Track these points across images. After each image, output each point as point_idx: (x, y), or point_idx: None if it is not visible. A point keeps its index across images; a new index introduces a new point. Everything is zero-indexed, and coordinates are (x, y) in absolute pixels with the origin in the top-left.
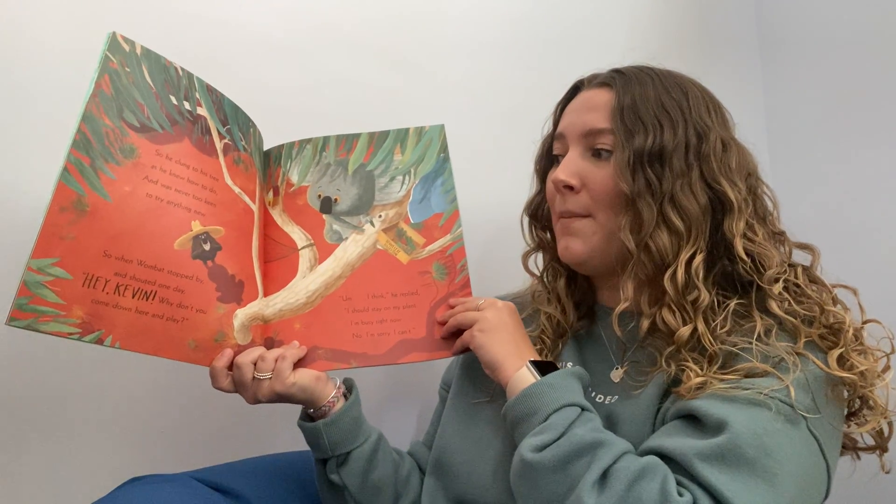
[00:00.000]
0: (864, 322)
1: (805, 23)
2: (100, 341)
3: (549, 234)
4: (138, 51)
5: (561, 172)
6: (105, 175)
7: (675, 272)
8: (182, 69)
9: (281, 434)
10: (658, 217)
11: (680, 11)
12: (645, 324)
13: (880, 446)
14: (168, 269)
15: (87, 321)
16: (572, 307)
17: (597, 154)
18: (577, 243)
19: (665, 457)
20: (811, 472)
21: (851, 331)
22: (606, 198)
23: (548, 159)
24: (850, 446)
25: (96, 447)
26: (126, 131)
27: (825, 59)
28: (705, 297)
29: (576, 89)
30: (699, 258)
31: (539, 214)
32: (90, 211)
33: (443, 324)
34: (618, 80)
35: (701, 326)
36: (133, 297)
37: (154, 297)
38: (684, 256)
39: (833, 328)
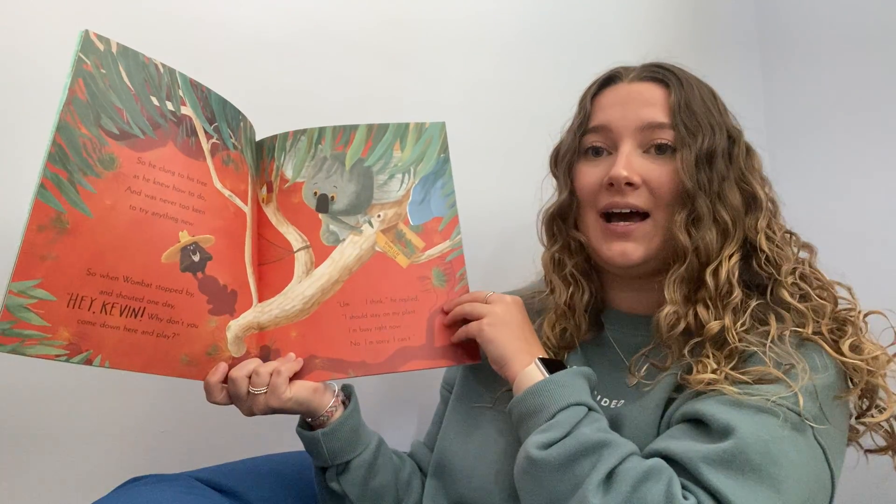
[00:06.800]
0: (868, 313)
1: (805, 23)
2: (88, 362)
3: (580, 237)
4: (114, 49)
5: (623, 169)
6: (84, 189)
7: (717, 268)
8: (163, 65)
9: (281, 434)
10: (710, 215)
11: (680, 11)
12: (681, 324)
13: (892, 447)
14: (156, 284)
15: (74, 342)
16: (585, 319)
17: (656, 149)
18: (636, 248)
19: (670, 459)
20: (816, 480)
21: (861, 319)
22: (668, 195)
23: (576, 153)
24: (853, 440)
25: (96, 447)
26: (105, 140)
27: (825, 58)
28: (738, 293)
29: (609, 81)
30: (737, 256)
31: (566, 214)
32: (70, 228)
33: (446, 313)
34: (669, 77)
35: (728, 322)
36: (121, 314)
37: (143, 313)
38: (727, 253)
39: (840, 319)
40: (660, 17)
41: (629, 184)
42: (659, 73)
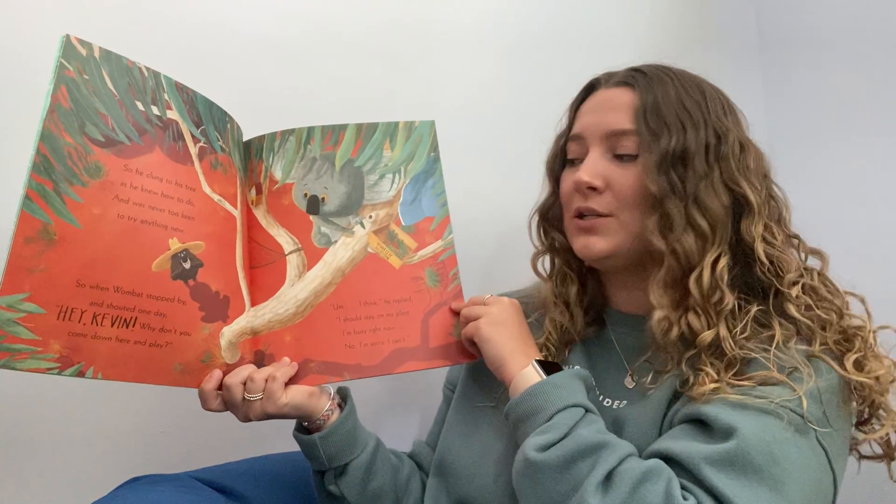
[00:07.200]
0: (878, 328)
1: (805, 23)
2: (80, 374)
3: (561, 236)
4: (97, 53)
5: (584, 174)
6: (71, 199)
7: (700, 275)
8: (147, 69)
9: (281, 434)
10: (684, 219)
11: (680, 11)
12: (674, 330)
13: (888, 454)
14: (147, 293)
15: (65, 355)
16: (581, 314)
17: (620, 156)
18: (598, 241)
19: (672, 460)
20: (818, 482)
21: (871, 336)
22: (632, 199)
23: (561, 160)
24: (853, 447)
25: (96, 448)
26: (90, 148)
27: (825, 59)
28: (729, 300)
29: (591, 88)
30: (724, 261)
31: (551, 216)
32: (58, 239)
33: (456, 313)
34: (639, 79)
35: (723, 331)
36: (112, 325)
37: (134, 323)
38: (710, 258)
39: (847, 333)
40: (661, 19)
41: (593, 188)
42: (630, 77)
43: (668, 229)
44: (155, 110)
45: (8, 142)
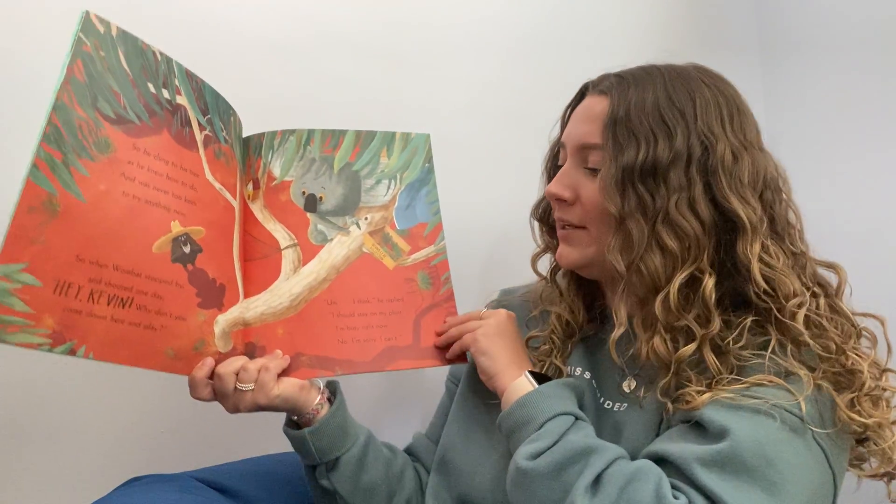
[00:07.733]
0: (884, 371)
1: (805, 23)
2: (72, 352)
3: (555, 237)
4: (114, 32)
5: (554, 185)
6: (78, 172)
7: (667, 296)
8: (160, 53)
9: (281, 434)
10: (650, 238)
11: (680, 11)
12: (643, 350)
13: (888, 473)
14: (146, 273)
15: (58, 331)
16: (581, 307)
17: (591, 169)
18: (571, 252)
19: (665, 461)
20: (817, 482)
21: (867, 382)
22: (598, 214)
23: (553, 164)
24: (855, 464)
25: (97, 447)
26: (101, 123)
27: (825, 59)
28: (715, 322)
29: (582, 94)
30: (710, 281)
31: (546, 217)
32: (62, 212)
33: (440, 334)
34: (615, 87)
35: (709, 356)
36: (108, 304)
37: (131, 304)
38: (678, 279)
39: (848, 369)
40: (661, 19)
41: (562, 200)
42: (609, 85)
43: (629, 249)
44: (165, 94)
45: (9, 136)
